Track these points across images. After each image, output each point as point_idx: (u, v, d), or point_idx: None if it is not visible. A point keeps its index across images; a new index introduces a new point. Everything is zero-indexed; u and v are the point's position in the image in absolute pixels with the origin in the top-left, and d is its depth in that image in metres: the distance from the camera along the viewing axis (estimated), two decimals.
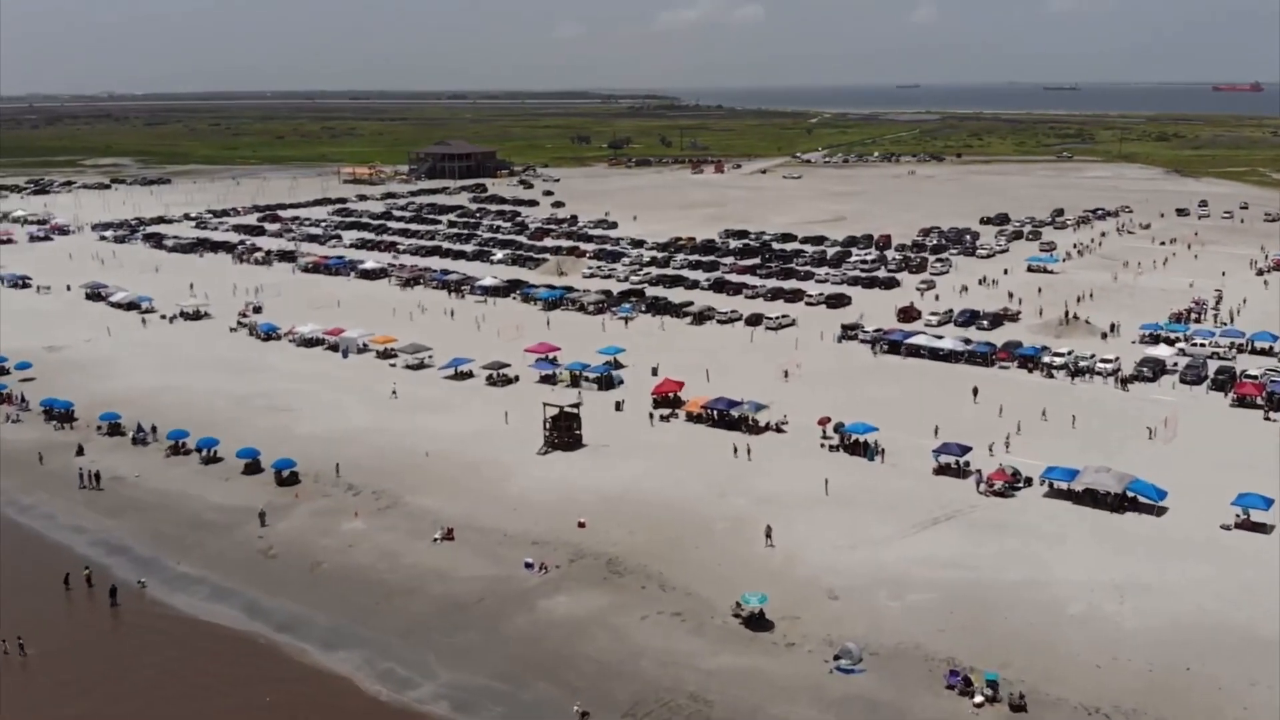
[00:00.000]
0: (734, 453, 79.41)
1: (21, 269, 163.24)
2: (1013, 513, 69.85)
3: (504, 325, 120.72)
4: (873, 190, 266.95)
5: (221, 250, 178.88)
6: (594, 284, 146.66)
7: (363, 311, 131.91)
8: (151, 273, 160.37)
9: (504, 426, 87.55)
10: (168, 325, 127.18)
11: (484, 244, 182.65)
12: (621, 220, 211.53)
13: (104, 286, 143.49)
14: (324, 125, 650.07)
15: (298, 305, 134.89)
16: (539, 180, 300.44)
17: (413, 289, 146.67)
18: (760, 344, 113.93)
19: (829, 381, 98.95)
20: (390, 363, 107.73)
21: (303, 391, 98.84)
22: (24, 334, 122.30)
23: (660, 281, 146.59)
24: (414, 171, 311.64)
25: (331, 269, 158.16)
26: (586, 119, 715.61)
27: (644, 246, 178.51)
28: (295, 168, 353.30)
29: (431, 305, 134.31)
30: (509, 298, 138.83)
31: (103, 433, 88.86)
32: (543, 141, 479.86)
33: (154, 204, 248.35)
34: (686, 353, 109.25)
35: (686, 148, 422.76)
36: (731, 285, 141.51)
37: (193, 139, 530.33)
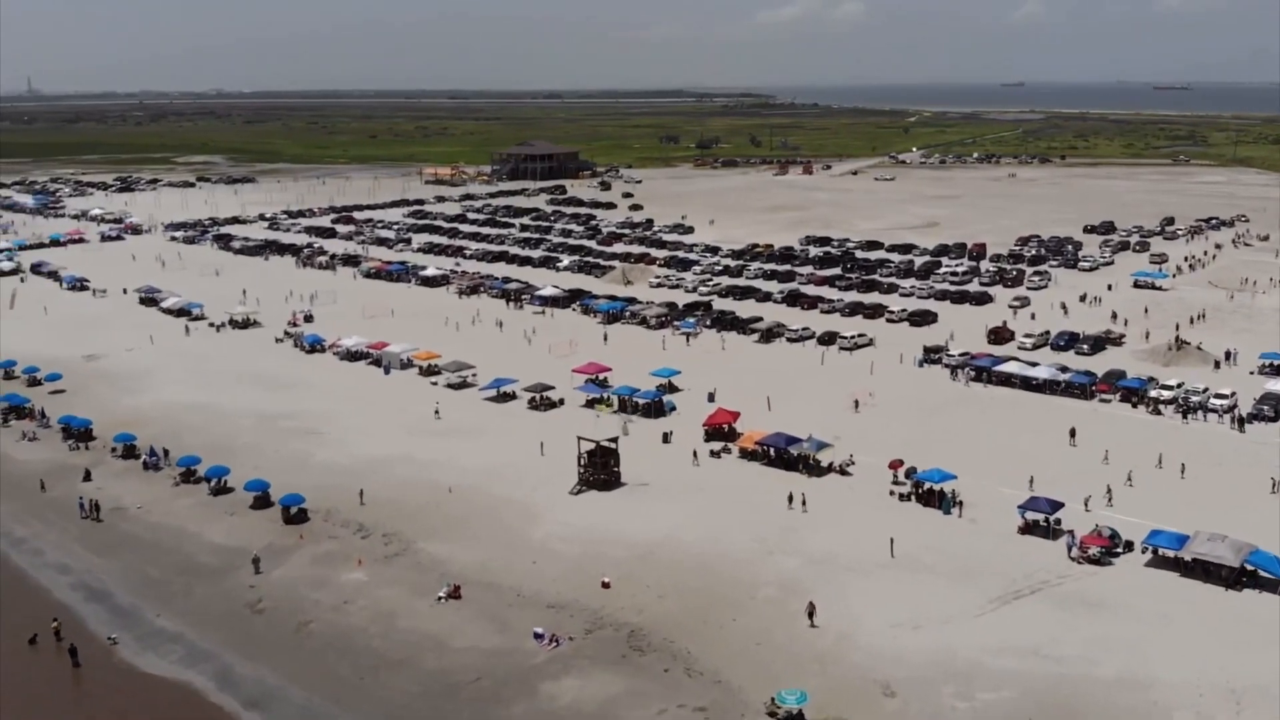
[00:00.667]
0: (789, 502, 70.18)
1: (86, 270, 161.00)
2: (1109, 586, 59.66)
3: (557, 340, 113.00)
4: (969, 194, 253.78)
5: (288, 253, 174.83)
6: (660, 295, 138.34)
7: (416, 321, 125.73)
8: (212, 276, 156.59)
9: (538, 459, 79.72)
10: (214, 334, 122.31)
11: (553, 249, 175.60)
12: (698, 224, 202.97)
13: (157, 291, 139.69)
14: (418, 125, 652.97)
15: (351, 314, 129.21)
16: (620, 182, 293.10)
17: (471, 297, 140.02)
18: (831, 366, 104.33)
19: (905, 414, 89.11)
20: (431, 380, 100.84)
21: (334, 412, 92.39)
22: (67, 340, 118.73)
23: (730, 293, 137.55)
24: (496, 172, 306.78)
25: (393, 275, 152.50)
26: (679, 118, 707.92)
27: (718, 254, 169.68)
28: (381, 167, 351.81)
29: (488, 315, 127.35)
30: (569, 309, 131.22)
31: (117, 454, 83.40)
32: (630, 141, 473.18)
33: (233, 203, 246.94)
34: (749, 375, 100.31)
35: (776, 148, 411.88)
36: (806, 298, 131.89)
37: (287, 137, 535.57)
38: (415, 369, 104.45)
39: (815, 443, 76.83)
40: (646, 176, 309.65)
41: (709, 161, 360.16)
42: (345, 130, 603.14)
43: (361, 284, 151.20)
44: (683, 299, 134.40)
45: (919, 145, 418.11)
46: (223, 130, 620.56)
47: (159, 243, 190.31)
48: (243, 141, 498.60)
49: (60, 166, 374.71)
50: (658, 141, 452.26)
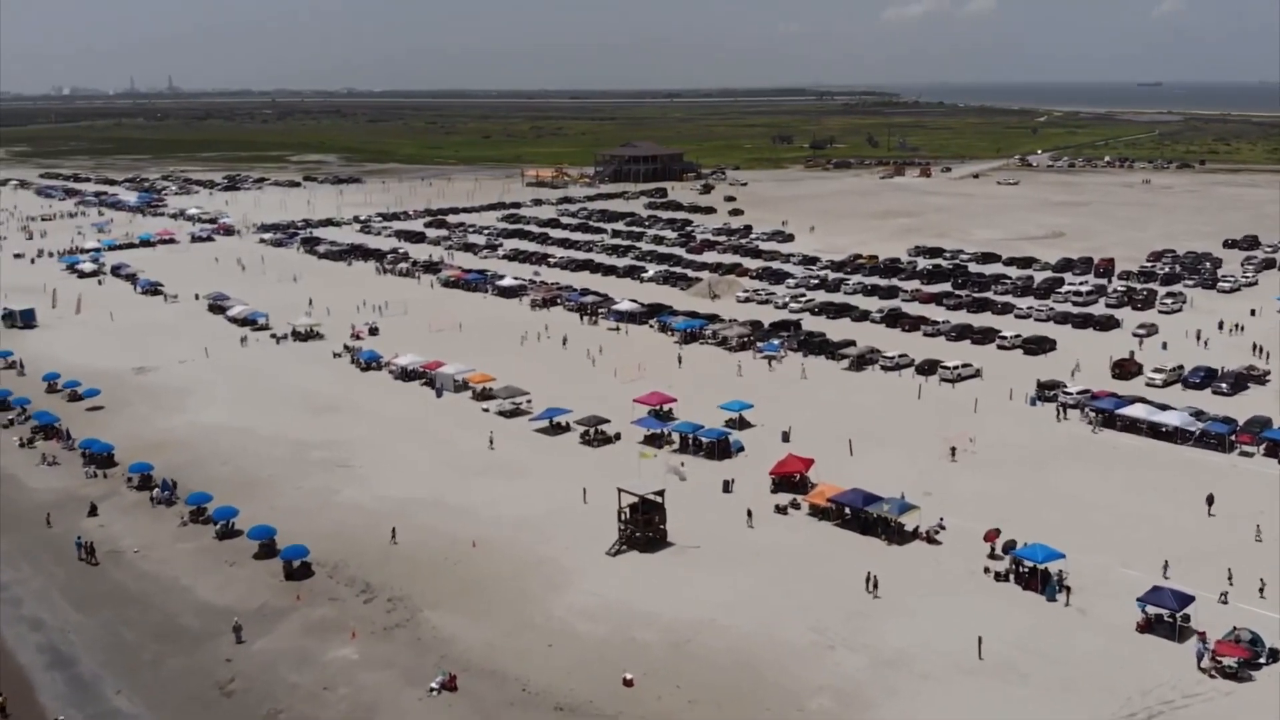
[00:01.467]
0: (865, 584, 59.09)
1: (167, 272, 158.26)
2: (1248, 710, 47.70)
3: (625, 363, 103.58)
4: (1099, 201, 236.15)
5: (372, 258, 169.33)
6: (747, 311, 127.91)
7: (483, 336, 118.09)
8: (289, 282, 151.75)
9: (580, 507, 70.47)
10: (273, 346, 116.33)
11: (642, 257, 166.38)
12: (800, 231, 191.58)
13: (225, 298, 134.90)
14: (534, 125, 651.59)
15: (417, 327, 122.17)
16: (725, 184, 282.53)
17: (546, 310, 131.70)
18: (930, 402, 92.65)
19: (1010, 465, 77.28)
20: (483, 406, 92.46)
21: (372, 441, 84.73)
22: (124, 350, 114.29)
23: (824, 310, 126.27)
24: (599, 174, 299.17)
25: (470, 284, 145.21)
26: (796, 117, 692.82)
27: (816, 265, 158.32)
28: (488, 169, 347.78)
29: (558, 331, 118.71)
30: (646, 325, 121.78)
31: (132, 485, 76.98)
32: (742, 142, 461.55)
33: (333, 204, 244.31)
34: (833, 410, 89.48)
35: (894, 148, 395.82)
36: (908, 319, 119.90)
37: (404, 137, 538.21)
38: (469, 392, 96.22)
39: (899, 504, 65.84)
40: (753, 179, 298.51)
41: (821, 163, 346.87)
42: (462, 130, 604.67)
43: (438, 293, 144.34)
44: (771, 316, 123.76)
45: (1044, 147, 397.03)
46: (344, 129, 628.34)
47: (247, 245, 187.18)
48: (359, 141, 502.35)
49: (177, 163, 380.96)
50: (769, 142, 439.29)
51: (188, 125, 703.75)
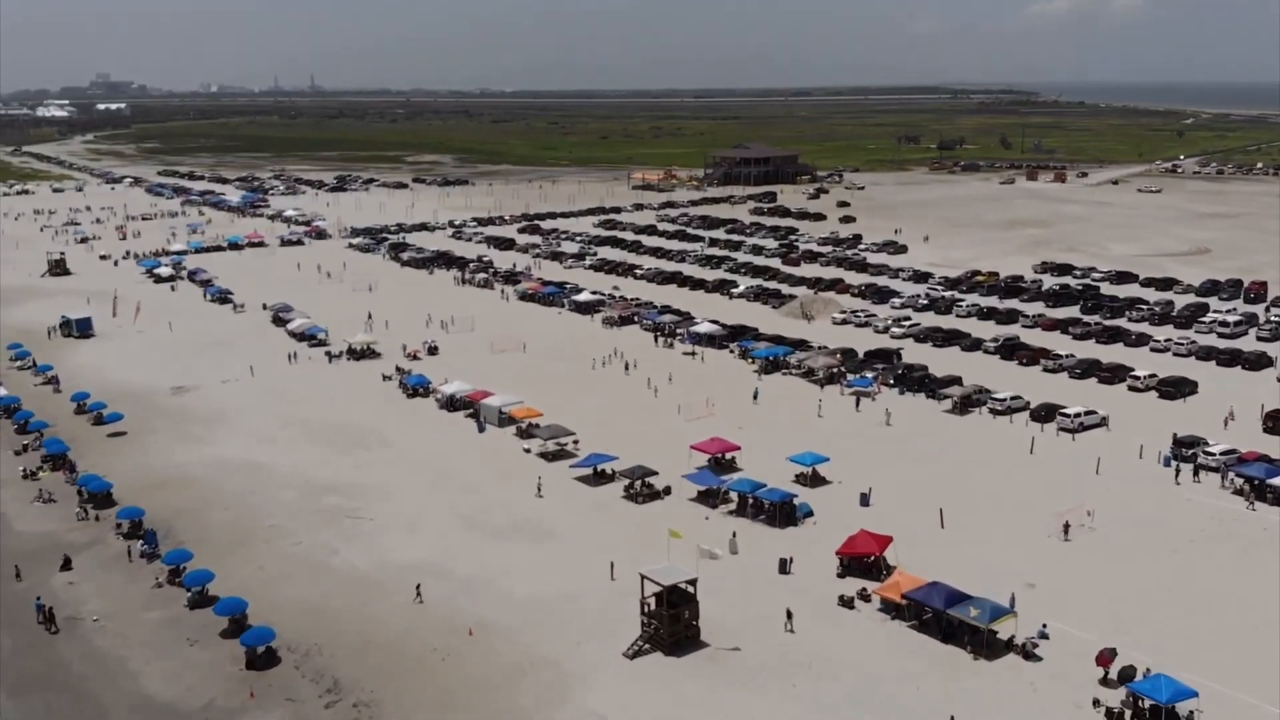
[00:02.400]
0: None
1: (246, 277, 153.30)
2: None
3: (694, 397, 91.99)
4: (1251, 212, 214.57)
5: (455, 266, 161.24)
6: (843, 335, 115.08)
7: (547, 358, 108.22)
8: (364, 292, 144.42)
9: (606, 586, 59.49)
10: (324, 365, 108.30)
11: (736, 269, 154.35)
12: (914, 241, 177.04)
13: (289, 310, 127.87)
14: (654, 125, 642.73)
15: (480, 346, 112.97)
16: (840, 188, 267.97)
17: (621, 329, 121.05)
18: (1045, 457, 78.87)
19: (1135, 550, 63.51)
20: (524, 446, 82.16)
21: (395, 486, 75.29)
22: (170, 366, 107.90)
23: (930, 337, 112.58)
24: (708, 177, 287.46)
25: (545, 298, 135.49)
26: (928, 116, 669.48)
27: (928, 281, 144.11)
28: (597, 170, 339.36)
29: (630, 353, 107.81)
30: (726, 349, 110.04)
31: (120, 532, 68.90)
32: (865, 142, 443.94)
33: (434, 207, 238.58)
34: (926, 466, 76.60)
35: (1028, 150, 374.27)
36: (1027, 351, 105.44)
37: (524, 137, 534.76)
38: (514, 427, 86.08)
39: (991, 607, 52.86)
40: (872, 182, 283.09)
41: (947, 165, 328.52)
42: (581, 130, 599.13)
43: (513, 307, 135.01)
44: (869, 342, 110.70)
45: (1190, 152, 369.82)
46: (467, 130, 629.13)
47: (334, 250, 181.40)
48: (478, 141, 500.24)
49: (296, 162, 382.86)
50: (894, 142, 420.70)
51: (318, 124, 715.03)
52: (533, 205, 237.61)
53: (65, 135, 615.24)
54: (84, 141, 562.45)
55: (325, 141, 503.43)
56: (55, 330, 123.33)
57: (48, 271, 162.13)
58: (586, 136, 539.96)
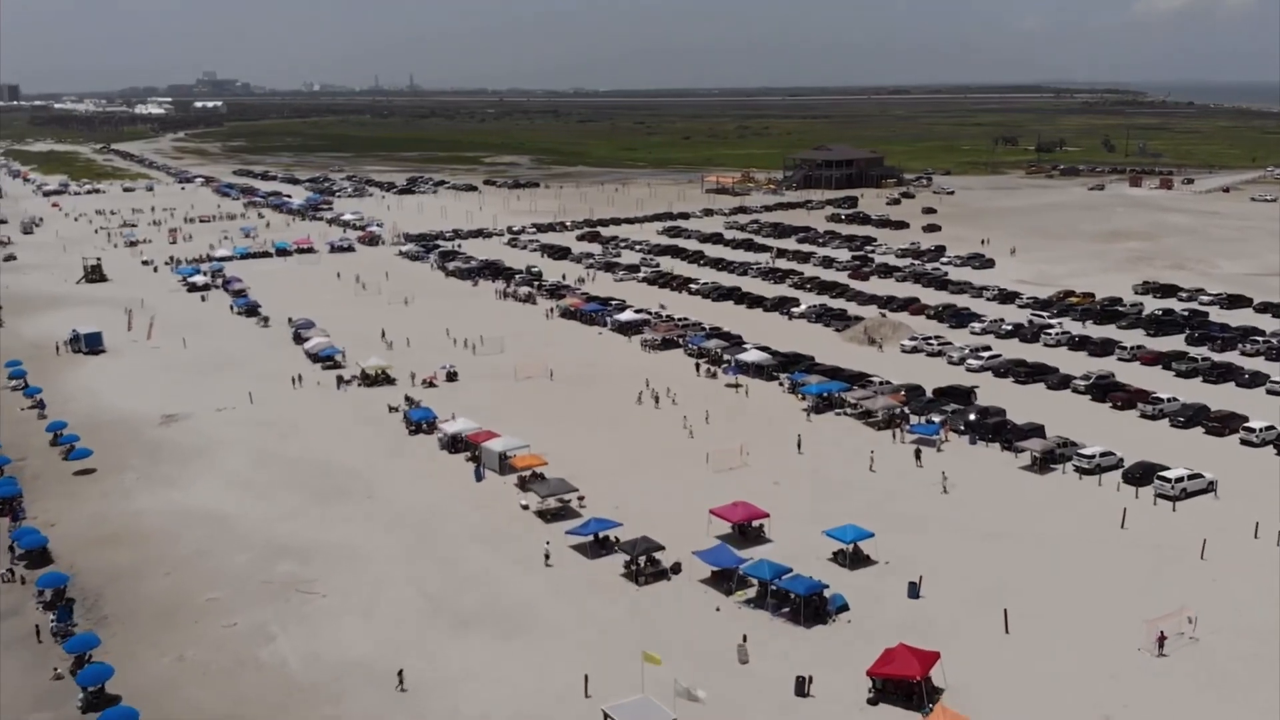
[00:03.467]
0: None
1: (283, 287, 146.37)
2: None
3: (725, 443, 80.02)
4: None
5: (501, 278, 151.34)
6: (912, 366, 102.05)
7: (575, 387, 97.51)
8: (400, 305, 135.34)
9: (577, 705, 48.15)
10: (332, 392, 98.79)
11: (801, 284, 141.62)
12: (1002, 254, 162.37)
13: (310, 326, 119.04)
14: (740, 125, 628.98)
15: (505, 372, 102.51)
16: (928, 193, 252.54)
17: (662, 353, 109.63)
18: (1139, 534, 65.45)
19: (1250, 674, 50.06)
20: (522, 501, 71.22)
21: (363, 550, 65.08)
22: (167, 390, 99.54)
23: (1013, 371, 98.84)
24: (786, 180, 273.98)
25: (587, 316, 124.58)
26: (1028, 115, 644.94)
27: (1014, 302, 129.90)
28: (674, 172, 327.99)
29: (667, 382, 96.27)
30: (774, 381, 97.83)
31: (40, 601, 59.73)
32: (960, 143, 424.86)
33: (500, 210, 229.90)
34: (994, 543, 63.81)
35: (1133, 153, 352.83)
36: (1122, 392, 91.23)
37: (605, 138, 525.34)
38: (516, 476, 75.26)
39: None
40: (963, 186, 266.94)
41: (1044, 168, 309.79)
42: (666, 130, 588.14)
43: (552, 325, 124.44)
44: (942, 375, 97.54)
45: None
46: (552, 130, 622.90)
47: (383, 258, 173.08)
48: (558, 142, 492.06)
49: (377, 162, 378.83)
50: (990, 144, 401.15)
51: (407, 124, 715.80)
52: (598, 210, 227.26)
53: (158, 133, 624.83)
54: (174, 139, 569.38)
55: (408, 141, 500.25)
56: (65, 345, 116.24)
57: (84, 277, 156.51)
58: (670, 136, 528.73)
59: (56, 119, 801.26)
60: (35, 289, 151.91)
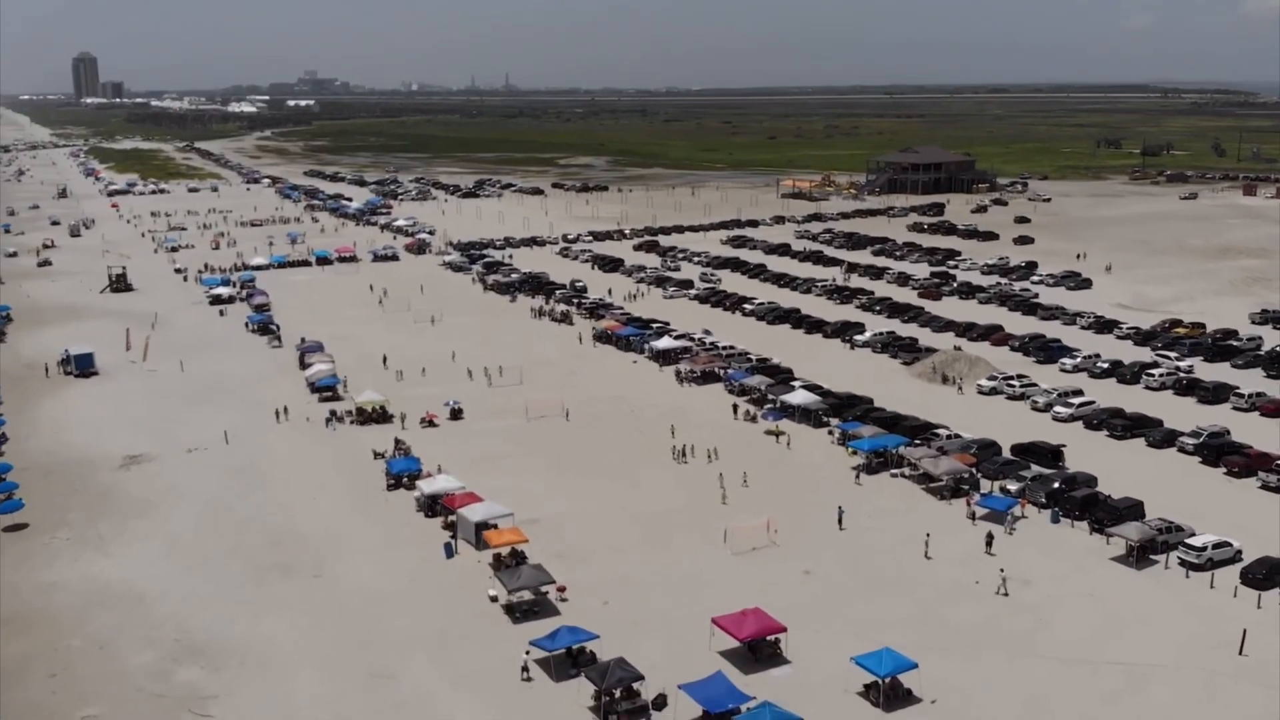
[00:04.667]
0: None
1: (310, 301, 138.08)
2: None
3: (754, 514, 66.66)
4: None
5: (542, 294, 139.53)
6: (991, 412, 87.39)
7: (592, 430, 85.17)
8: (426, 325, 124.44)
9: None
10: (319, 430, 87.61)
11: (869, 306, 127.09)
12: (1099, 271, 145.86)
13: (316, 350, 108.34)
14: (829, 124, 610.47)
15: (516, 407, 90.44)
16: (1022, 199, 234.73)
17: (700, 386, 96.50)
18: (1264, 660, 50.62)
19: None
20: (490, 592, 58.76)
21: (289, 657, 53.40)
22: (143, 422, 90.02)
23: (1109, 424, 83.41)
24: (868, 184, 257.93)
25: (622, 340, 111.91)
26: (1133, 116, 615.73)
27: (1113, 332, 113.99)
28: (752, 175, 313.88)
29: (697, 427, 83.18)
30: (823, 428, 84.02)
31: None
32: (1059, 145, 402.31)
33: (553, 218, 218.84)
34: (1073, 673, 49.59)
35: (1245, 158, 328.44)
36: (1239, 457, 75.43)
37: (688, 138, 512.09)
38: (492, 554, 62.93)
39: None
40: (1061, 193, 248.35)
41: (1149, 174, 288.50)
42: (752, 130, 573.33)
43: (583, 351, 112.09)
44: (1023, 426, 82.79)
45: None
46: (637, 129, 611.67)
47: (425, 268, 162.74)
48: (638, 143, 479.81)
49: (451, 164, 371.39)
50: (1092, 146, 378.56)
51: (493, 124, 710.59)
52: (662, 217, 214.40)
53: (245, 131, 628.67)
54: (259, 138, 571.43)
55: (487, 142, 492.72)
56: (57, 366, 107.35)
57: (108, 287, 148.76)
58: (755, 136, 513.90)
59: (151, 116, 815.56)
60: (57, 298, 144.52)
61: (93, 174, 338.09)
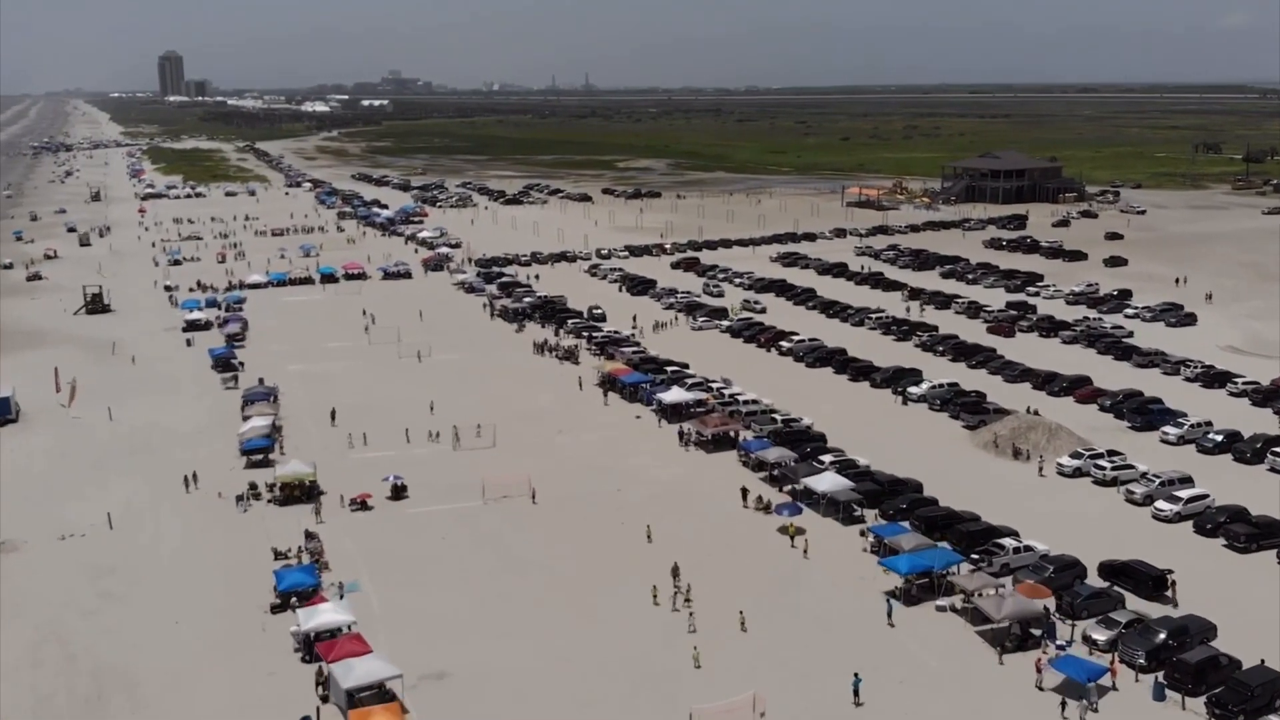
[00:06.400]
0: None
1: (296, 327, 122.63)
2: None
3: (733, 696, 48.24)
4: None
5: (554, 321, 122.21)
6: (1073, 503, 67.81)
7: (562, 517, 67.93)
8: (412, 361, 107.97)
9: None
10: (227, 509, 71.09)
11: (932, 345, 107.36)
12: (1198, 303, 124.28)
13: (261, 400, 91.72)
14: (909, 124, 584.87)
15: (475, 483, 73.00)
16: (1113, 211, 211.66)
17: (710, 455, 78.16)
18: None
19: None
20: None
21: None
22: (25, 494, 74.02)
23: (1227, 532, 63.26)
24: (943, 192, 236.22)
25: (627, 389, 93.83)
26: (1232, 118, 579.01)
27: (1225, 386, 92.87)
28: (818, 180, 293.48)
29: (698, 516, 65.00)
30: (855, 523, 65.17)
31: None
32: (1153, 149, 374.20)
33: (590, 229, 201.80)
34: None
35: None
36: None
37: (757, 139, 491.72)
38: None
39: None
40: (1156, 203, 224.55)
41: (1255, 182, 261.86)
42: (826, 130, 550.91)
43: (580, 399, 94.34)
44: (1116, 528, 63.11)
45: None
46: (708, 129, 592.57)
47: (436, 288, 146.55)
48: (705, 144, 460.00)
49: (508, 166, 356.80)
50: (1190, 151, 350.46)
51: (563, 124, 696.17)
52: (711, 228, 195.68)
53: (312, 131, 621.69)
54: (325, 138, 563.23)
55: (548, 144, 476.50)
56: None
57: (83, 307, 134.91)
58: (828, 137, 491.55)
59: (224, 115, 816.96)
60: (26, 320, 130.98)
61: (137, 175, 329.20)
